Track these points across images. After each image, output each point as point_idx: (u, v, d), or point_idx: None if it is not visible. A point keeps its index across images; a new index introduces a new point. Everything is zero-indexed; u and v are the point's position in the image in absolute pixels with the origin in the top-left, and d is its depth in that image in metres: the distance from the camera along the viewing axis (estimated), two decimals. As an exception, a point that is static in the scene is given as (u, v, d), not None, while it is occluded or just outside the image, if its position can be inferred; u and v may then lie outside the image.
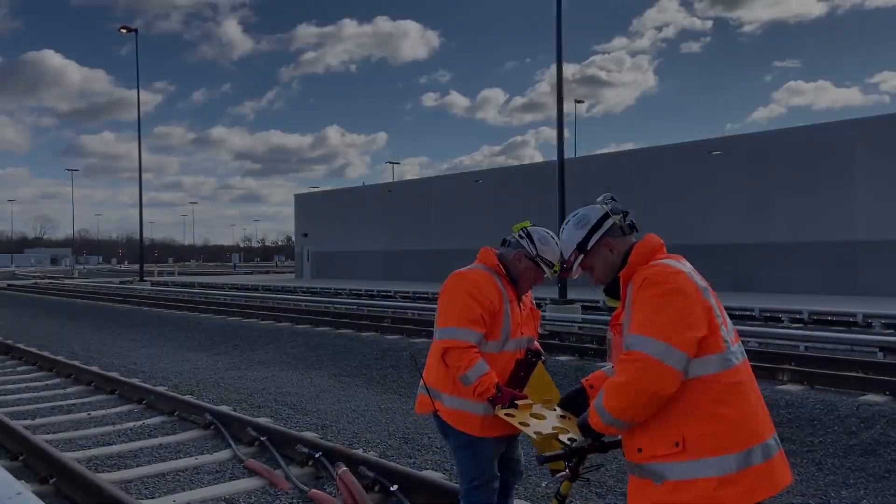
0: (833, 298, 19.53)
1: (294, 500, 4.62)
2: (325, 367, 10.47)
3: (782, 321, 14.73)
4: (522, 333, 3.24)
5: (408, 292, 25.74)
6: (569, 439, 2.39)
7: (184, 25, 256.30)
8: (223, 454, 5.65)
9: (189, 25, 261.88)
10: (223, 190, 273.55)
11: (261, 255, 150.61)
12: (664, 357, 2.08)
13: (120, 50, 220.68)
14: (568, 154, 39.18)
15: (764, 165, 25.23)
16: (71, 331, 16.33)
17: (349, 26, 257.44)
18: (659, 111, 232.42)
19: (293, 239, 56.16)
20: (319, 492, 4.57)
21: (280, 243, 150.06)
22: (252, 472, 5.16)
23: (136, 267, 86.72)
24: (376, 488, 4.56)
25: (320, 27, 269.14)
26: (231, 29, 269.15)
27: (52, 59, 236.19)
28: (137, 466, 5.39)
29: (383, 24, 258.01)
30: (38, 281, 46.44)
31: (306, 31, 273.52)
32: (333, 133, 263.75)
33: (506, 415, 2.72)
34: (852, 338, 10.56)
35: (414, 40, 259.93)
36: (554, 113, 19.94)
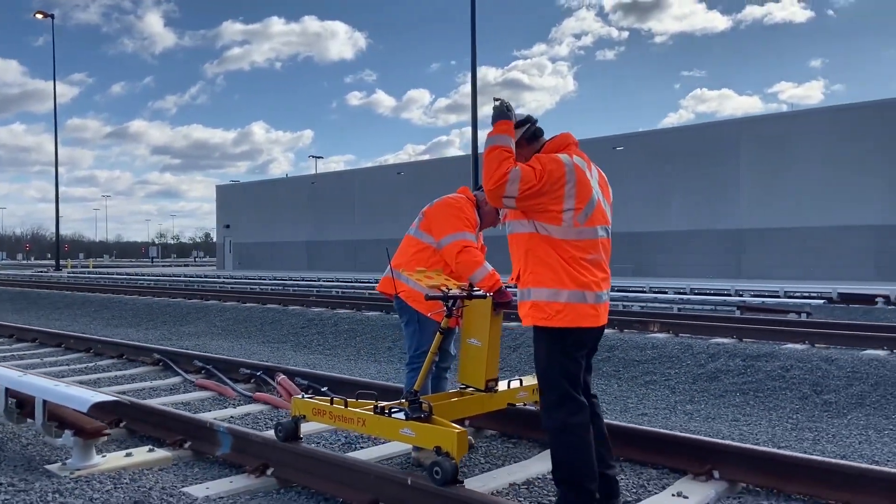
0: (719, 281, 21.41)
1: (242, 402, 5.62)
2: (253, 336, 11.11)
3: (668, 294, 16.43)
4: None
5: (332, 279, 26.48)
6: (447, 289, 3.57)
7: (103, 18, 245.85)
8: (174, 380, 6.58)
9: (108, 18, 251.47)
10: (140, 185, 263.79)
11: (177, 251, 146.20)
12: (513, 177, 2.92)
13: (35, 41, 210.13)
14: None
15: (661, 160, 27.44)
16: (-9, 312, 16.33)
17: (276, 24, 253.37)
18: (577, 115, 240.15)
19: (213, 235, 55.55)
20: (263, 394, 5.59)
21: (198, 240, 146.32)
22: (203, 389, 6.11)
23: (42, 262, 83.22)
24: (310, 391, 5.61)
25: (246, 24, 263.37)
26: (153, 22, 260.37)
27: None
28: (99, 388, 6.23)
29: (311, 23, 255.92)
30: (-59, 273, 44.39)
31: (232, 28, 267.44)
32: (258, 129, 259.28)
33: (409, 274, 3.88)
34: (717, 300, 12.17)
35: (341, 41, 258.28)
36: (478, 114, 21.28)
